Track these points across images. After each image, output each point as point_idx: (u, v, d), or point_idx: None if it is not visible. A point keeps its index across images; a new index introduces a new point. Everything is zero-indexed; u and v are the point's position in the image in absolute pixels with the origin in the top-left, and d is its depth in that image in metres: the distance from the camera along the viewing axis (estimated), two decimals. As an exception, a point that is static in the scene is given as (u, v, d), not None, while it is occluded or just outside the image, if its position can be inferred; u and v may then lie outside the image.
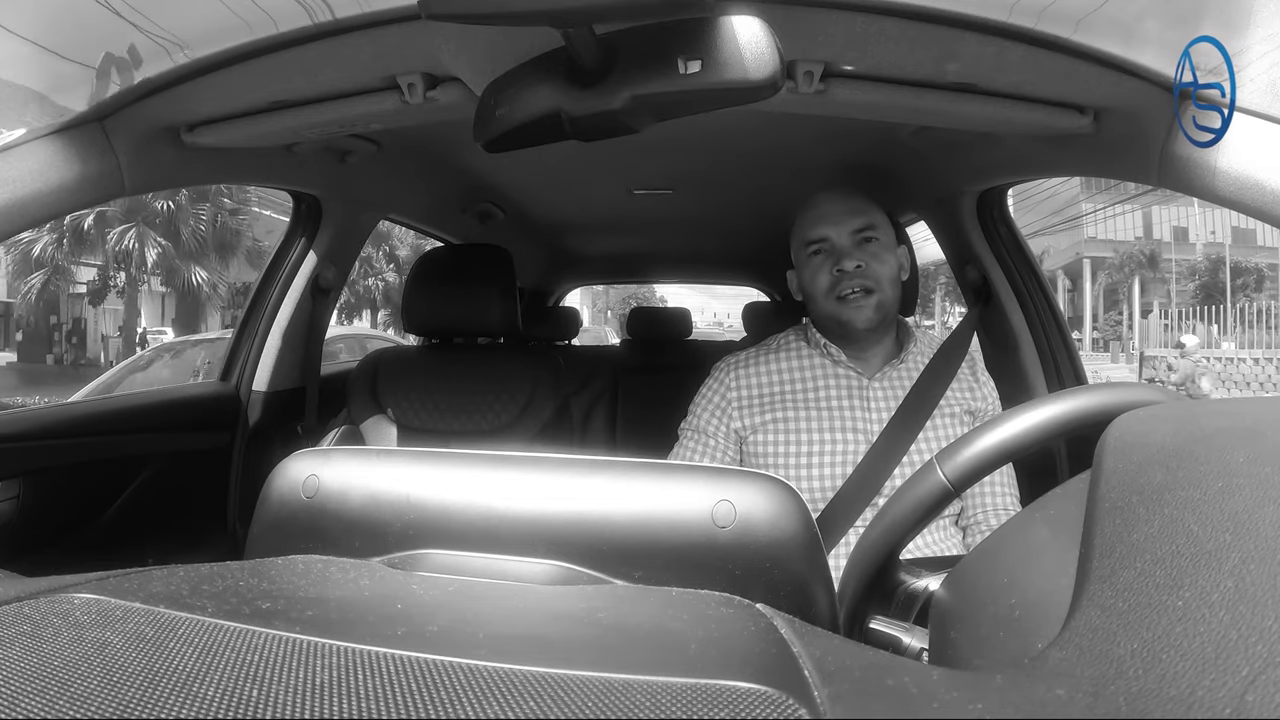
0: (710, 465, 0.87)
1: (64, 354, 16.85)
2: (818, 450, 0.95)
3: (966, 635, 0.37)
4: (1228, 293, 15.46)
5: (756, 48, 0.52)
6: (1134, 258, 17.29)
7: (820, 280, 0.98)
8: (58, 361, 16.75)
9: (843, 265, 0.95)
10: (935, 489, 0.46)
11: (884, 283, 0.96)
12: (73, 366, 16.24)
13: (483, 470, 0.40)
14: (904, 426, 0.94)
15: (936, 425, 0.95)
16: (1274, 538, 0.22)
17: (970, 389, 1.01)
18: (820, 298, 0.99)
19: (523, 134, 0.63)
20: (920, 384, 0.96)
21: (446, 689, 0.21)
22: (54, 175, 0.75)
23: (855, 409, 0.97)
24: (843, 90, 0.74)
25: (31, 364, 16.37)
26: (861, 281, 0.95)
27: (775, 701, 0.20)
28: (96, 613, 0.25)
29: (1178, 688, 0.19)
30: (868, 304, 0.95)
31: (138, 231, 12.52)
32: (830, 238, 0.98)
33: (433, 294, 1.43)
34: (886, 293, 0.96)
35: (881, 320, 0.97)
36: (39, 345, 16.80)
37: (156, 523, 1.23)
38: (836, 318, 0.97)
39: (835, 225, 0.98)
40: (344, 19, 0.66)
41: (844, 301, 0.96)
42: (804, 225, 1.01)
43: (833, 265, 0.97)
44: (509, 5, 0.48)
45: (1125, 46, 0.64)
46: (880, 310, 0.96)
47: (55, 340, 16.92)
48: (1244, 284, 15.88)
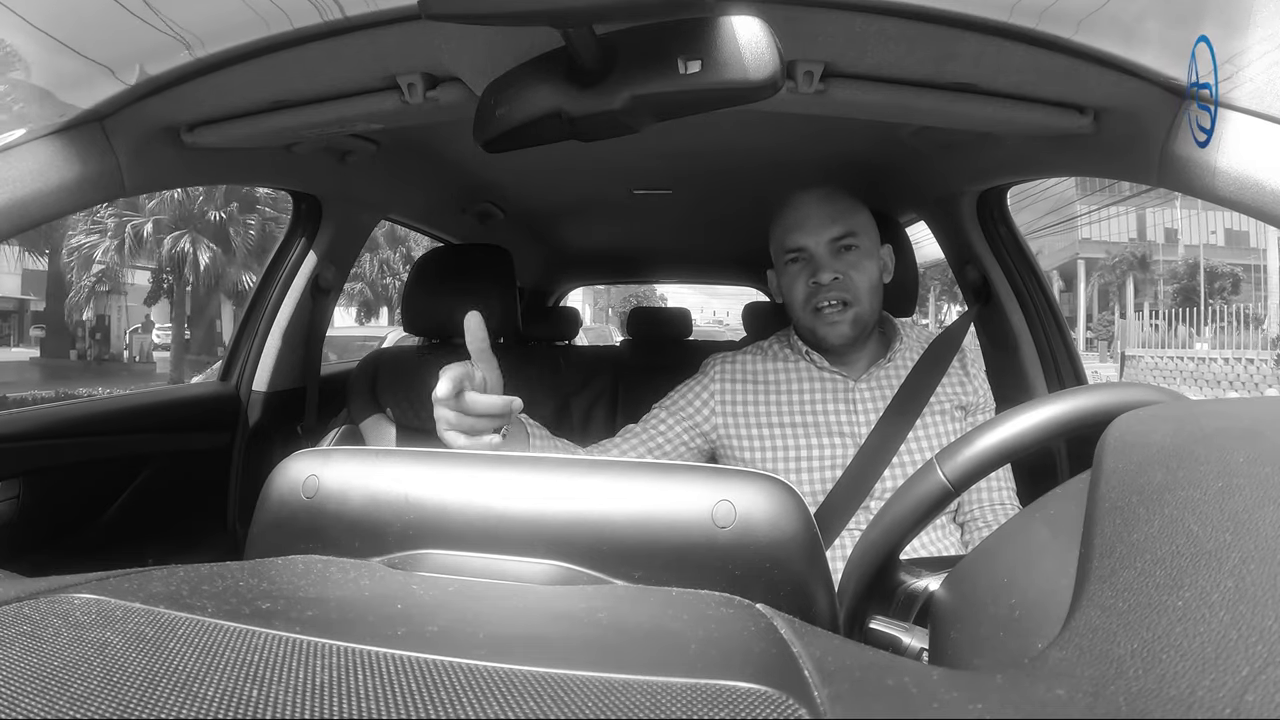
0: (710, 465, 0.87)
1: (88, 350, 17.05)
2: (805, 456, 0.95)
3: (966, 635, 0.37)
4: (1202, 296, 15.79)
5: (756, 48, 0.52)
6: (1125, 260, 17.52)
7: (797, 290, 0.96)
8: (81, 357, 16.98)
9: (819, 277, 0.93)
10: (935, 489, 0.46)
11: (862, 294, 0.94)
12: (96, 362, 16.65)
13: (483, 470, 0.40)
14: (893, 427, 0.93)
15: (927, 423, 0.95)
16: (1274, 538, 0.22)
17: (961, 383, 1.00)
18: (798, 308, 0.97)
19: (523, 134, 0.63)
20: (908, 383, 0.96)
21: (446, 689, 0.21)
22: (54, 175, 0.75)
23: (842, 412, 0.96)
24: (843, 90, 0.74)
25: (54, 359, 16.53)
26: (839, 294, 0.93)
27: (775, 701, 0.20)
28: (96, 613, 0.25)
29: (1178, 688, 0.19)
30: (844, 319, 0.94)
31: (191, 238, 13.45)
32: (807, 247, 0.95)
33: (432, 294, 1.43)
34: (864, 304, 0.95)
35: (859, 333, 0.96)
36: (62, 341, 16.97)
37: (156, 523, 1.23)
38: (813, 330, 0.96)
39: (813, 234, 0.95)
40: (344, 19, 0.66)
41: (819, 315, 0.94)
42: (781, 231, 0.99)
43: (809, 276, 0.95)
44: (509, 5, 0.48)
45: (1126, 46, 0.64)
46: (857, 324, 0.95)
47: (79, 336, 17.10)
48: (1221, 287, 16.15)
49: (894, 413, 0.94)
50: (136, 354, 17.28)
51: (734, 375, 1.01)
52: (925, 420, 0.95)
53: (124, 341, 17.85)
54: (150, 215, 13.42)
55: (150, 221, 13.30)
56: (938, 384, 0.96)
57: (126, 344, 17.73)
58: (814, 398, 0.98)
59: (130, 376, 14.74)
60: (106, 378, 13.10)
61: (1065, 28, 0.63)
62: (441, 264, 1.48)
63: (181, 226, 13.50)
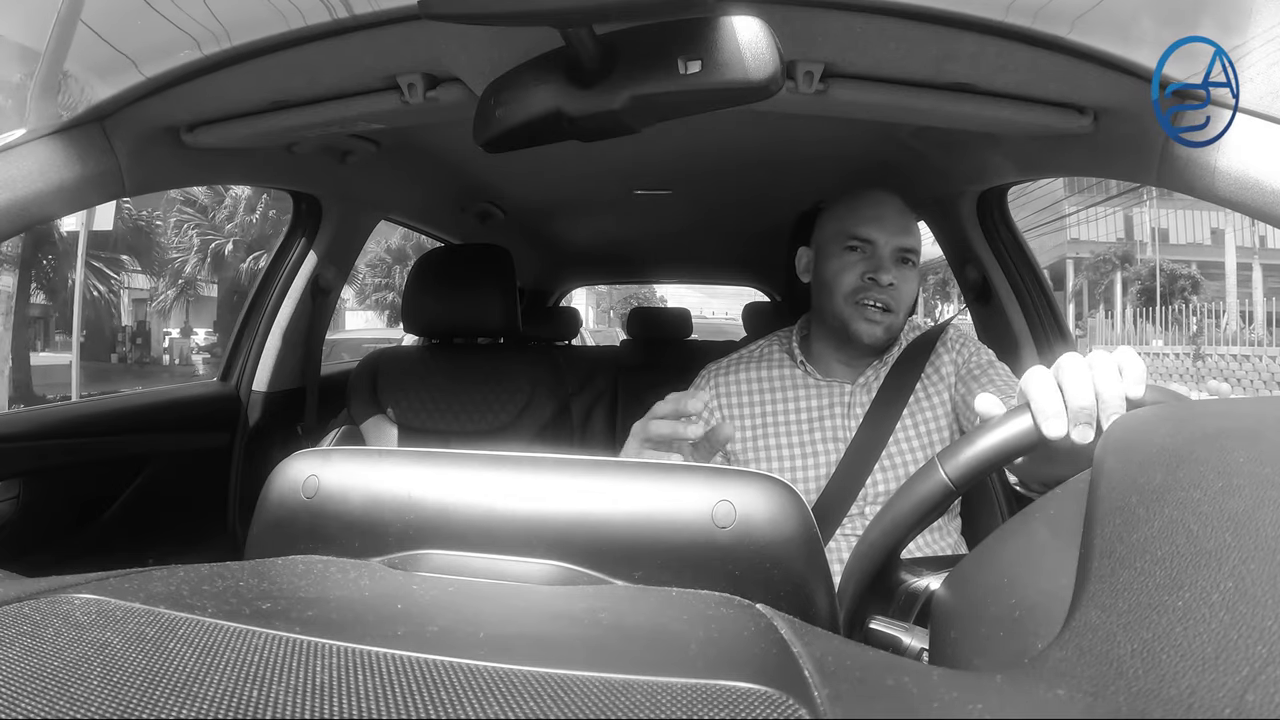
0: (710, 465, 0.87)
1: (128, 353, 17.69)
2: (798, 463, 0.95)
3: (966, 635, 0.37)
4: (1156, 295, 16.79)
5: (756, 48, 0.52)
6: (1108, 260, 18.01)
7: (846, 279, 0.93)
8: (121, 360, 17.56)
9: (879, 276, 0.91)
10: (937, 488, 0.46)
11: (903, 308, 0.93)
12: (137, 364, 17.43)
13: (483, 470, 0.40)
14: (875, 428, 0.93)
15: (917, 420, 0.95)
16: (1274, 538, 0.22)
17: (954, 363, 0.98)
18: (839, 296, 0.93)
19: (523, 134, 0.63)
20: (887, 384, 0.96)
21: (446, 689, 0.21)
22: (54, 175, 0.75)
23: (836, 417, 0.96)
24: (843, 90, 0.74)
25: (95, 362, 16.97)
26: (889, 299, 0.92)
27: (775, 701, 0.20)
28: (96, 613, 0.25)
29: (1178, 688, 0.19)
30: (883, 322, 0.92)
31: (269, 257, 15.27)
32: (877, 242, 0.92)
33: (432, 294, 1.43)
34: (900, 318, 0.94)
35: (888, 341, 0.95)
36: (101, 345, 17.42)
37: (156, 523, 1.23)
38: (847, 324, 0.93)
39: (887, 233, 0.92)
40: (344, 19, 0.66)
41: (862, 309, 0.92)
42: (851, 216, 0.95)
43: (866, 270, 0.92)
44: (509, 5, 0.48)
45: (1125, 46, 0.64)
46: (889, 331, 0.94)
47: (120, 340, 17.70)
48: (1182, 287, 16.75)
49: (877, 414, 0.94)
50: (176, 357, 18.07)
51: (728, 385, 1.01)
52: (915, 419, 0.95)
53: (163, 345, 18.64)
54: (229, 236, 15.78)
55: (230, 243, 15.66)
56: (915, 382, 0.96)
57: (165, 347, 18.48)
58: (809, 404, 0.98)
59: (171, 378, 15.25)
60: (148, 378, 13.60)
61: (1061, 26, 0.63)
62: (441, 264, 1.48)
63: (256, 248, 15.61)
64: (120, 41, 0.71)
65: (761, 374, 1.00)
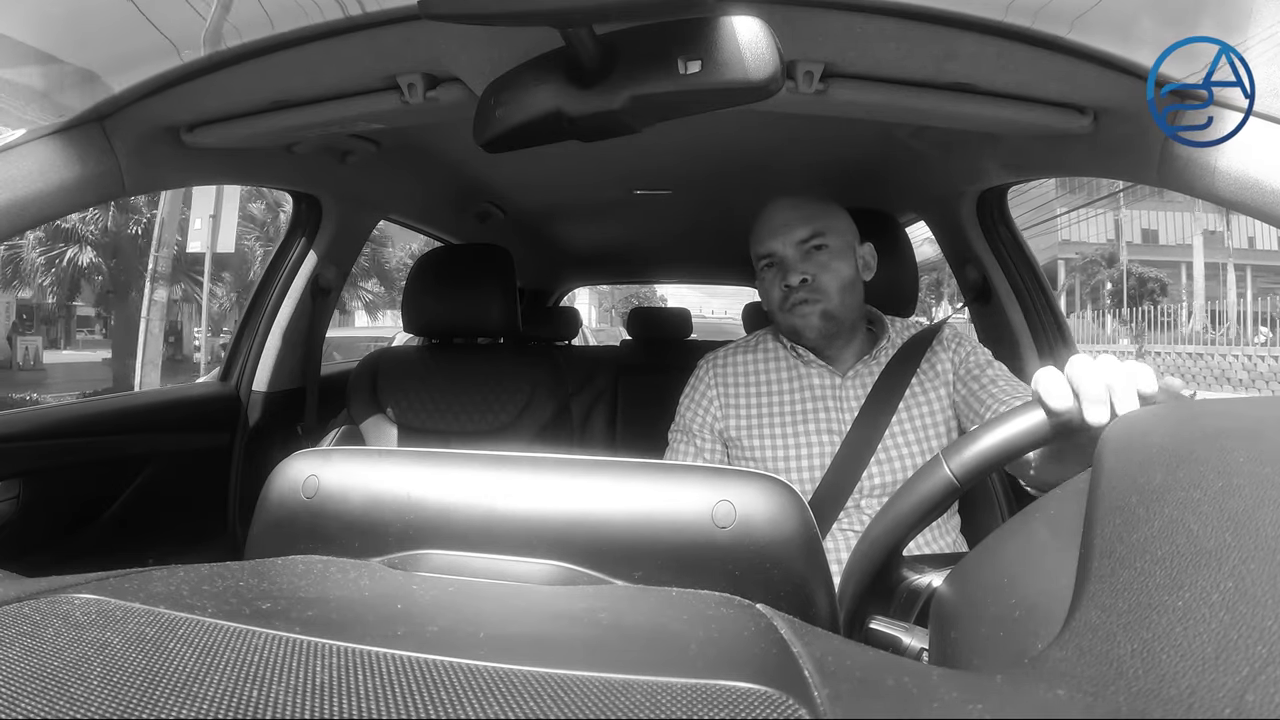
0: (710, 465, 0.87)
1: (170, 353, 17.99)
2: (794, 454, 0.96)
3: (966, 635, 0.37)
4: (1124, 297, 17.35)
5: (756, 48, 0.52)
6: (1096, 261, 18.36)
7: (772, 294, 0.99)
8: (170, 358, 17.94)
9: (789, 280, 0.95)
10: (941, 484, 0.46)
11: (832, 292, 0.95)
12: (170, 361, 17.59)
13: (483, 470, 0.40)
14: (871, 421, 0.94)
15: (913, 416, 0.95)
16: (1274, 538, 0.22)
17: (950, 360, 0.99)
18: (774, 310, 1.00)
19: (523, 134, 0.63)
20: (883, 379, 0.97)
21: (446, 689, 0.21)
22: (54, 175, 0.75)
23: (830, 409, 0.97)
24: (843, 90, 0.74)
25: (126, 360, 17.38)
26: (807, 294, 0.95)
27: (775, 701, 0.20)
28: (96, 613, 0.25)
29: (1178, 688, 0.19)
30: (811, 313, 0.96)
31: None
32: (776, 251, 0.98)
33: (433, 294, 1.43)
34: (834, 301, 0.96)
35: (836, 328, 0.97)
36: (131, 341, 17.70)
37: (156, 523, 1.23)
38: (791, 327, 0.99)
39: (781, 238, 0.97)
40: (344, 19, 0.66)
41: (791, 312, 0.97)
42: (755, 238, 1.01)
43: (781, 280, 0.97)
44: (509, 5, 0.48)
45: (1125, 46, 0.64)
46: (828, 318, 0.96)
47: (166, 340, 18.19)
48: (1152, 289, 17.15)
49: (871, 407, 0.95)
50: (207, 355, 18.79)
51: (725, 373, 1.03)
52: (910, 414, 0.95)
53: (194, 344, 19.05)
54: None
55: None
56: (911, 378, 0.97)
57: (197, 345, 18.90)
58: (801, 394, 0.99)
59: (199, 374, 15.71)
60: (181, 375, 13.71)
61: (1061, 26, 0.63)
62: (441, 264, 1.47)
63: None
64: (120, 41, 0.71)
65: (756, 359, 1.04)
